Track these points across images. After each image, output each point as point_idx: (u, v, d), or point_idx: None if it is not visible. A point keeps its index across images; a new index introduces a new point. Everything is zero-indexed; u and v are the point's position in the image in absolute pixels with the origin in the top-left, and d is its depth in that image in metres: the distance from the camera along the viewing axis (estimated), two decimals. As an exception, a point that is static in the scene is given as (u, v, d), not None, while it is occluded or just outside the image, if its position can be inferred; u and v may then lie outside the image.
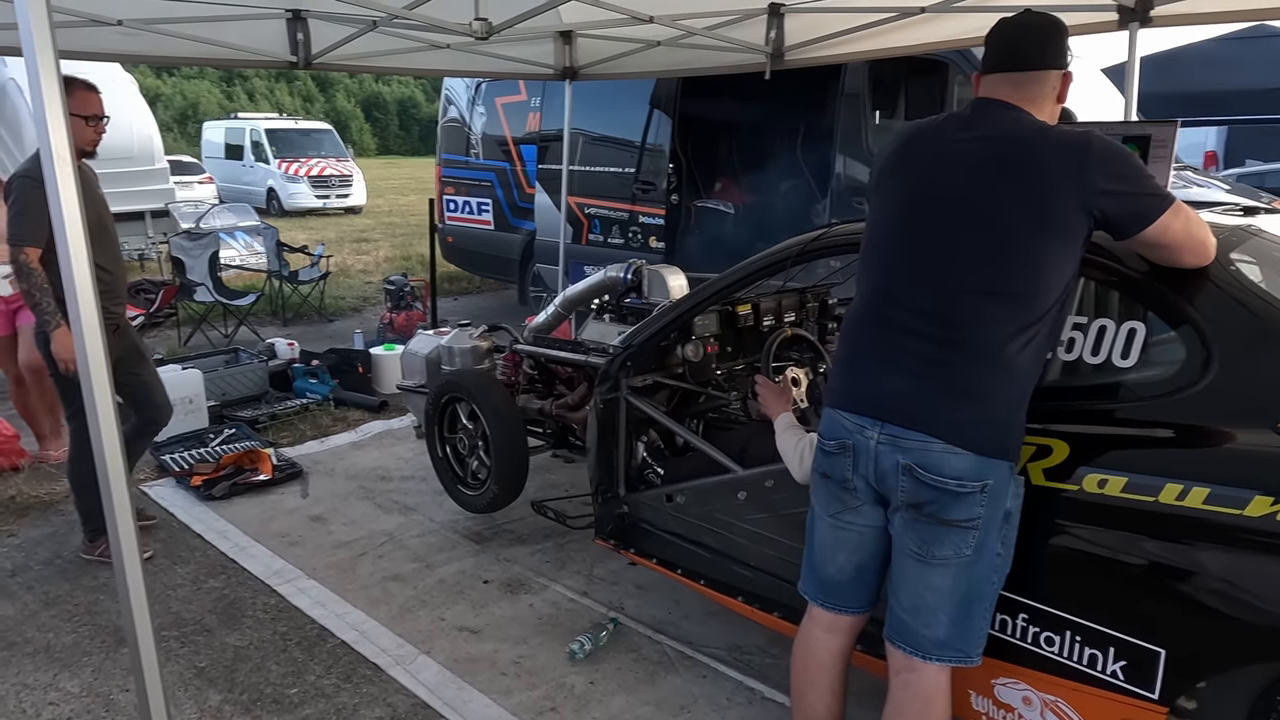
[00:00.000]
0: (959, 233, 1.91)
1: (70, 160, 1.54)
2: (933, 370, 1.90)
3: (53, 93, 1.47)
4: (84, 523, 3.76)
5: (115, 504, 1.78)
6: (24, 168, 3.47)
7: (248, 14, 4.64)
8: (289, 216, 19.57)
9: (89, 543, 3.78)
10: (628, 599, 3.46)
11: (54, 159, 1.52)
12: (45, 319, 3.44)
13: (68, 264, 1.62)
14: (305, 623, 3.31)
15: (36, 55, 1.44)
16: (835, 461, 2.07)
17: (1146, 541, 1.84)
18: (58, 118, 1.49)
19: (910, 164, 2.03)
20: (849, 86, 5.97)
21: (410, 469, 4.85)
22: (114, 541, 1.87)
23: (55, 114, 1.49)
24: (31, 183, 3.37)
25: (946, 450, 1.87)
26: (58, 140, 1.51)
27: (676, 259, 6.79)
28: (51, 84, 1.47)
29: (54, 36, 1.47)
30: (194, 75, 49.90)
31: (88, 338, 1.64)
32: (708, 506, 2.93)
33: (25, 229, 3.40)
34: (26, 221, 3.39)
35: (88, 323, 1.62)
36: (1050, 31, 1.97)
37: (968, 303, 1.88)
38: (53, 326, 3.44)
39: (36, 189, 3.38)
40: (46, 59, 1.45)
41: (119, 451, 1.77)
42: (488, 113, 8.76)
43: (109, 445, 1.74)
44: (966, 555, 1.91)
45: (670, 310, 3.13)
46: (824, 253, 2.67)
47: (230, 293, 8.24)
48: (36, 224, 3.36)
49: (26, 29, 1.41)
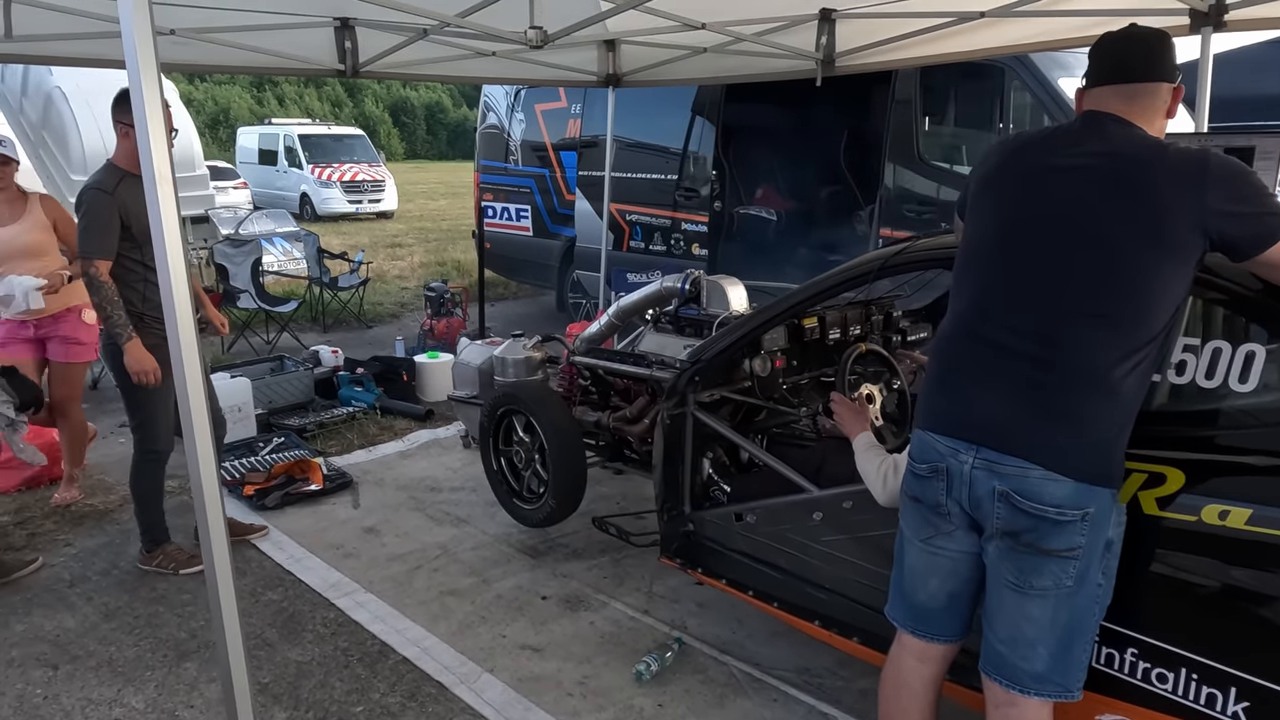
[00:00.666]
0: (1064, 251, 1.83)
1: (170, 179, 1.52)
2: (1032, 393, 1.83)
3: (155, 115, 1.45)
4: (143, 533, 3.76)
5: (210, 523, 1.75)
6: (94, 179, 3.46)
7: (297, 23, 4.65)
8: (322, 221, 19.71)
9: (146, 553, 3.77)
10: (690, 617, 3.40)
11: (156, 179, 1.49)
12: (116, 331, 3.42)
13: (166, 280, 1.59)
14: (366, 638, 3.28)
15: (141, 76, 1.41)
16: (927, 485, 2.01)
17: (1276, 577, 1.75)
18: (160, 140, 1.46)
19: (1013, 178, 1.96)
20: (900, 92, 5.89)
21: (459, 479, 4.82)
22: (206, 555, 1.84)
23: (158, 136, 1.46)
24: (102, 195, 3.37)
25: (1045, 476, 1.80)
26: (159, 161, 1.48)
27: (718, 266, 6.74)
28: (155, 107, 1.44)
29: (157, 56, 1.44)
30: (226, 81, 50.44)
31: (185, 354, 1.60)
32: (779, 526, 2.86)
33: (95, 242, 3.39)
34: (96, 234, 3.39)
35: (185, 339, 1.59)
36: (1161, 44, 1.90)
37: (1072, 324, 1.81)
38: (124, 339, 3.42)
39: (106, 200, 3.39)
40: (150, 80, 1.42)
41: (213, 464, 1.74)
42: (527, 119, 8.74)
43: (203, 457, 1.71)
44: (1067, 586, 1.84)
45: (742, 324, 3.07)
46: (907, 267, 2.60)
47: (272, 299, 8.27)
48: (106, 236, 3.36)
49: (131, 48, 1.38)
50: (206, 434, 1.68)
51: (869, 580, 2.58)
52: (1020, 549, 1.86)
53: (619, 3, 4.10)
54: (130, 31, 1.39)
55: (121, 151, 3.53)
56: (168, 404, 3.64)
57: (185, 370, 1.62)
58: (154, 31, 1.43)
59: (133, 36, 1.39)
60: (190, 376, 1.62)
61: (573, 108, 8.16)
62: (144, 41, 1.41)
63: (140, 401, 3.61)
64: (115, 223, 3.40)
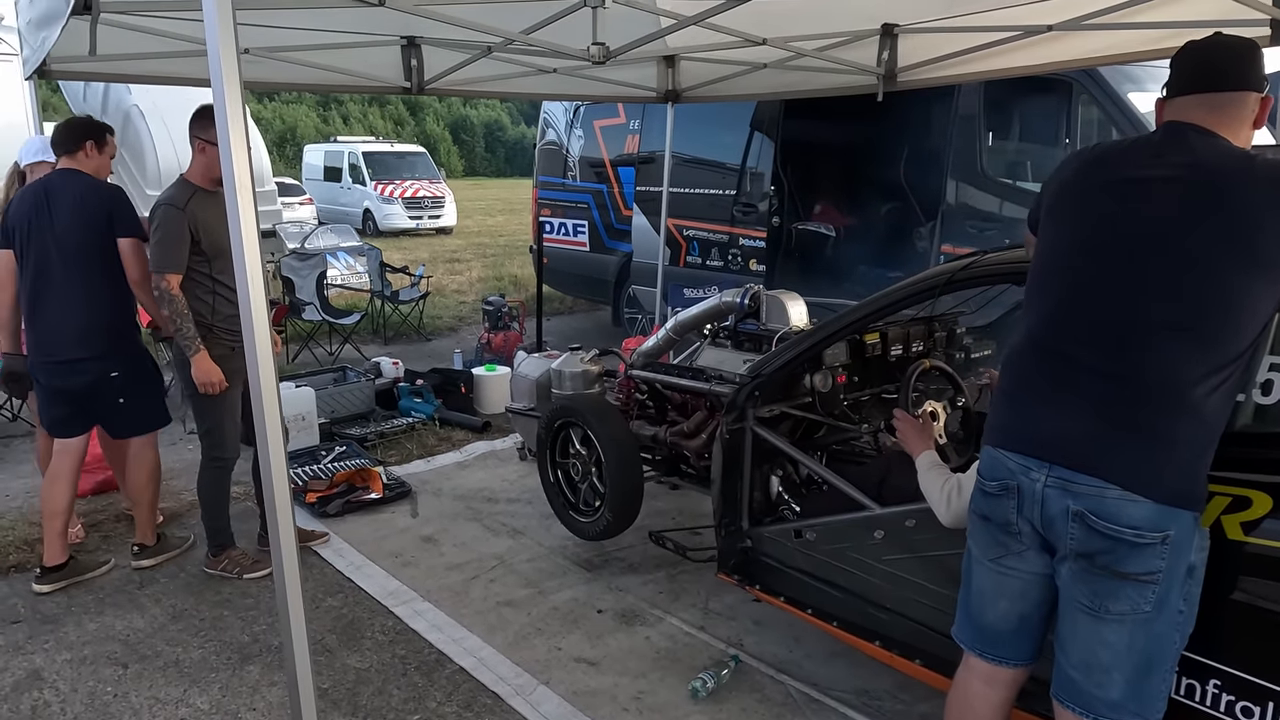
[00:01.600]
0: (1144, 265, 1.78)
1: (250, 189, 1.56)
2: (1108, 409, 1.78)
3: (238, 126, 1.49)
4: (209, 537, 3.85)
5: (281, 529, 1.78)
6: (167, 195, 3.56)
7: (366, 42, 4.76)
8: (383, 237, 20.10)
9: (212, 557, 3.87)
10: (746, 635, 3.37)
11: (236, 188, 1.53)
12: (185, 343, 3.51)
13: (245, 294, 1.63)
14: (423, 646, 3.31)
15: (225, 90, 1.45)
16: (997, 504, 1.96)
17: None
18: (241, 150, 1.51)
19: (1090, 190, 1.90)
20: (963, 107, 5.80)
21: (516, 491, 4.85)
22: (276, 562, 1.87)
23: (239, 147, 1.51)
24: (174, 210, 3.47)
25: (1123, 497, 1.74)
26: (240, 171, 1.52)
27: (776, 282, 6.69)
28: (237, 118, 1.48)
29: (240, 73, 1.49)
30: (293, 100, 51.94)
31: (261, 363, 1.64)
32: (839, 544, 2.82)
33: (168, 257, 3.47)
34: (169, 249, 3.47)
35: (261, 348, 1.63)
36: (1248, 51, 1.84)
37: (1153, 340, 1.75)
38: (193, 351, 3.51)
39: (178, 216, 3.48)
40: (234, 94, 1.46)
41: (284, 471, 1.77)
42: (585, 135, 8.82)
43: (276, 464, 1.74)
44: (1145, 611, 1.77)
45: (804, 339, 3.04)
46: (974, 283, 2.55)
47: (336, 312, 8.46)
48: (178, 251, 3.45)
49: (216, 66, 1.43)
50: (279, 442, 1.72)
51: (932, 601, 2.52)
52: (1096, 571, 1.80)
53: (679, 18, 4.11)
54: (216, 51, 1.44)
55: (196, 167, 3.63)
56: (235, 412, 3.74)
57: (261, 378, 1.66)
58: (238, 51, 1.48)
59: (219, 56, 1.44)
60: (265, 384, 1.65)
61: (631, 124, 8.20)
62: (229, 60, 1.46)
63: (208, 410, 3.70)
64: (187, 237, 3.49)
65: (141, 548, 3.95)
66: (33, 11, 3.80)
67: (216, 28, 1.39)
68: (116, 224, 3.56)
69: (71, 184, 3.57)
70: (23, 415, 5.88)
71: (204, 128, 3.55)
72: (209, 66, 1.44)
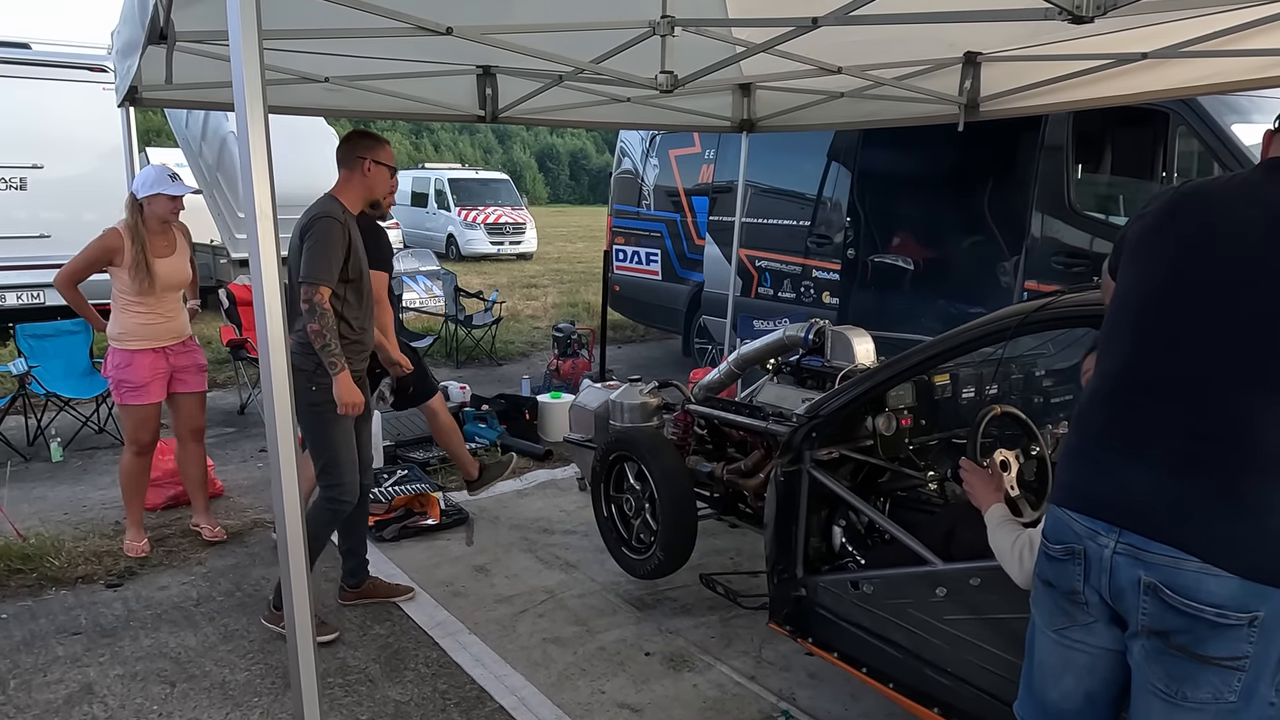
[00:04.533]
0: (1238, 313, 1.59)
1: (271, 215, 1.53)
2: (1189, 470, 1.59)
3: (260, 148, 1.46)
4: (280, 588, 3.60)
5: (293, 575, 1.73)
6: (325, 209, 3.41)
7: (442, 70, 4.82)
8: (465, 261, 20.52)
9: (274, 610, 3.55)
10: (799, 688, 3.20)
11: (256, 215, 1.50)
12: (331, 361, 3.29)
13: (263, 320, 1.59)
14: (465, 681, 3.24)
15: (248, 110, 1.43)
16: (1062, 569, 1.77)
17: None
18: (263, 172, 1.48)
19: (1180, 228, 1.72)
20: (1050, 138, 5.55)
21: (572, 522, 4.77)
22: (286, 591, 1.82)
23: (261, 169, 1.48)
24: (336, 224, 3.36)
25: (1203, 570, 1.54)
26: (261, 196, 1.49)
27: (851, 316, 6.50)
28: (259, 138, 1.45)
29: (264, 93, 1.46)
30: (387, 128, 53.83)
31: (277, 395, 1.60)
32: (899, 599, 2.64)
33: (324, 267, 3.31)
34: (326, 260, 3.31)
35: (275, 360, 1.58)
36: None
37: (1244, 397, 1.56)
38: (338, 370, 3.30)
39: (340, 230, 3.36)
40: (256, 114, 1.44)
41: (298, 503, 1.72)
42: (660, 164, 8.80)
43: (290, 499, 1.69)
44: (1230, 701, 1.56)
45: (866, 379, 2.89)
46: (1050, 325, 2.37)
47: (410, 334, 8.58)
48: (334, 264, 3.33)
49: (240, 86, 1.41)
50: (293, 470, 1.67)
51: (998, 668, 2.33)
52: (1171, 652, 1.60)
53: (748, 47, 4.03)
54: (240, 78, 1.41)
55: (354, 187, 3.53)
56: (352, 448, 3.52)
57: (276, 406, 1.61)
58: (263, 75, 1.45)
59: (243, 83, 1.42)
60: (280, 411, 1.61)
61: (706, 153, 8.15)
62: (254, 88, 1.43)
63: (322, 440, 3.47)
64: (342, 253, 3.38)
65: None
66: (119, 41, 3.97)
67: (241, 54, 1.37)
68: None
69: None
70: (107, 429, 6.10)
71: (370, 148, 3.55)
72: (234, 93, 1.42)
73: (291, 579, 1.79)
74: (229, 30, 1.39)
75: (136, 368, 4.15)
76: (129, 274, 4.08)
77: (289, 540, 1.78)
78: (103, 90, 8.33)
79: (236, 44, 1.39)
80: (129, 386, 4.16)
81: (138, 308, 4.15)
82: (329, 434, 3.44)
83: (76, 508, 4.94)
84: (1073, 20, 2.51)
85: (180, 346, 4.33)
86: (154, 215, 4.15)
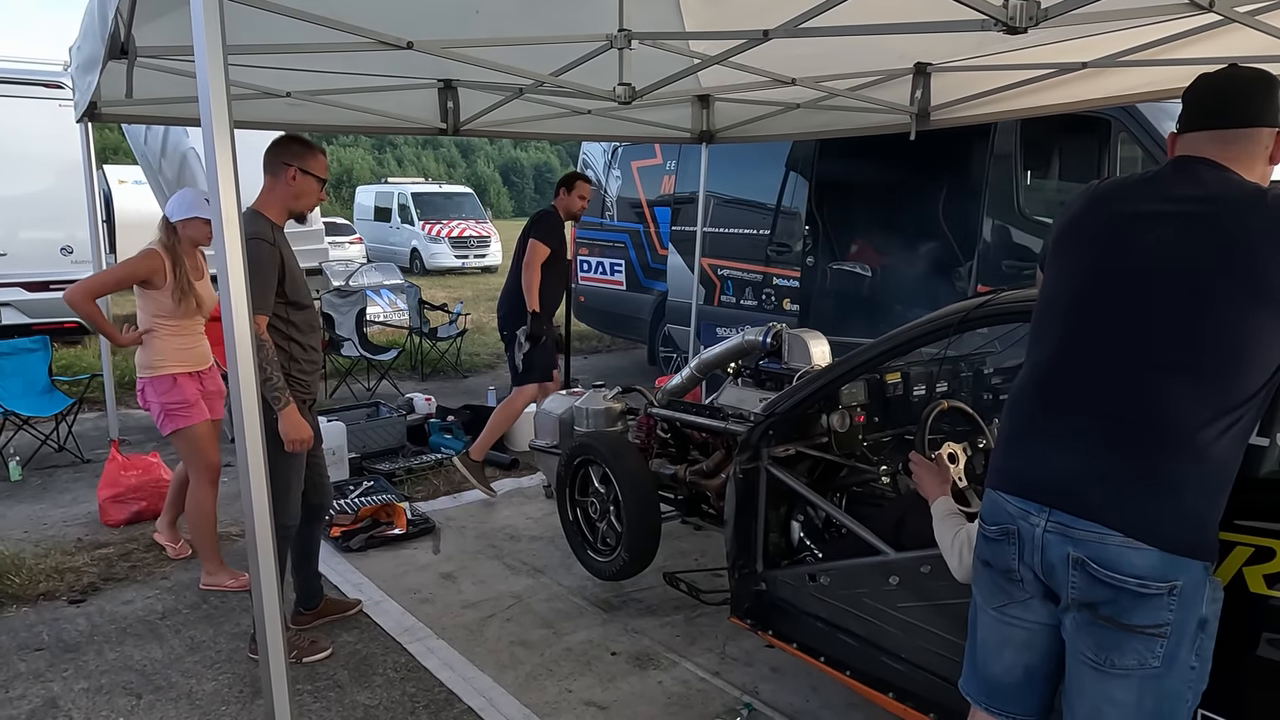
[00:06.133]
0: (1150, 302, 1.71)
1: (237, 224, 1.58)
2: (1111, 452, 1.69)
3: (225, 160, 1.52)
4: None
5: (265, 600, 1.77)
6: (253, 229, 3.13)
7: (403, 84, 4.87)
8: (430, 275, 20.46)
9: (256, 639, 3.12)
10: (762, 682, 3.27)
11: (224, 225, 1.55)
12: (274, 395, 3.11)
13: (230, 331, 1.63)
14: (433, 684, 3.27)
15: (214, 124, 1.48)
16: (998, 549, 1.87)
17: None
18: (229, 185, 1.53)
19: (1095, 226, 1.84)
20: (999, 146, 5.72)
21: (539, 529, 4.82)
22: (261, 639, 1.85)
23: (227, 181, 1.53)
24: (266, 246, 3.15)
25: (1126, 544, 1.65)
26: (227, 206, 1.54)
27: (811, 322, 6.62)
28: (225, 151, 1.51)
29: (230, 108, 1.51)
30: (350, 143, 53.58)
31: (245, 401, 1.65)
32: (854, 589, 2.73)
33: (259, 296, 3.03)
34: (260, 288, 3.08)
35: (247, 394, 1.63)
36: (1262, 86, 1.77)
37: (1156, 380, 1.67)
38: (282, 404, 3.14)
39: (271, 252, 3.17)
40: (223, 128, 1.49)
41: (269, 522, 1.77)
42: (623, 176, 8.90)
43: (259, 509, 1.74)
44: (1154, 667, 1.67)
45: (817, 378, 2.98)
46: (989, 320, 2.49)
47: (374, 348, 8.58)
48: (270, 290, 3.15)
49: (206, 101, 1.46)
50: (262, 480, 1.71)
51: (948, 652, 2.42)
52: (1099, 622, 1.70)
53: (704, 59, 4.13)
54: (206, 91, 1.46)
55: (277, 197, 3.30)
56: (302, 473, 3.40)
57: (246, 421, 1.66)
58: (228, 89, 1.50)
59: (209, 96, 1.47)
60: (250, 423, 1.66)
61: (668, 164, 8.27)
62: (219, 99, 1.48)
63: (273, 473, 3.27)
64: (276, 275, 3.19)
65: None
66: (80, 57, 3.98)
67: (207, 70, 1.42)
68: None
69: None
70: (67, 447, 6.04)
71: (298, 155, 3.29)
72: (199, 107, 1.47)
73: (263, 593, 1.83)
74: (194, 45, 1.44)
75: (182, 388, 3.97)
76: (171, 297, 3.93)
77: (259, 552, 1.81)
78: (59, 107, 8.25)
79: (202, 58, 1.44)
80: (180, 408, 3.96)
81: (175, 331, 3.98)
82: (284, 464, 3.24)
83: (36, 525, 4.89)
84: (1008, 31, 2.64)
85: (209, 371, 4.20)
86: (188, 239, 3.99)
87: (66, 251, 8.98)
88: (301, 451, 3.28)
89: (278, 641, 1.88)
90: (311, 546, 3.66)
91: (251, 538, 1.79)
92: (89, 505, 5.05)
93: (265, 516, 1.80)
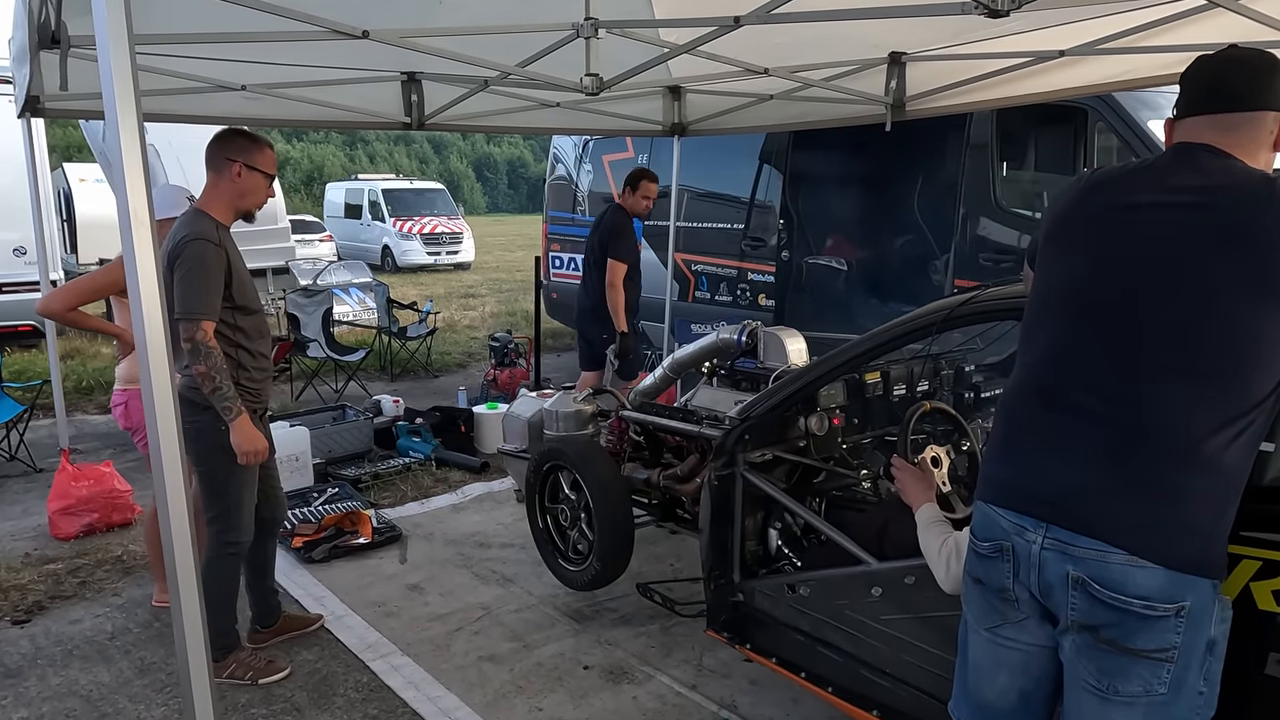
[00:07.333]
0: (1149, 299, 1.59)
1: (150, 225, 1.42)
2: (1111, 463, 1.57)
3: (133, 153, 1.36)
4: (213, 639, 2.85)
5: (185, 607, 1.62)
6: (196, 229, 2.98)
7: (365, 77, 4.69)
8: (402, 273, 20.19)
9: (217, 663, 3.15)
10: (741, 695, 3.15)
11: (133, 223, 1.40)
12: (225, 405, 2.94)
13: (142, 340, 1.48)
14: (397, 705, 3.12)
15: (119, 116, 1.32)
16: (991, 566, 1.75)
17: None
18: (138, 180, 1.38)
19: (1089, 219, 1.72)
20: (974, 137, 5.63)
21: (510, 535, 4.67)
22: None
23: (136, 176, 1.38)
24: (210, 246, 2.95)
25: (1130, 562, 1.53)
26: (137, 203, 1.39)
27: (786, 317, 6.52)
28: (133, 145, 1.35)
29: (138, 100, 1.35)
30: (320, 140, 52.94)
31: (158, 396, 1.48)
32: (835, 601, 2.61)
33: (203, 299, 2.91)
34: (204, 290, 2.91)
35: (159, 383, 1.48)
36: (1266, 67, 1.65)
37: (1160, 384, 1.55)
38: (233, 415, 2.96)
39: (215, 253, 2.97)
40: (129, 121, 1.33)
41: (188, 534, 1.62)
42: (595, 170, 8.74)
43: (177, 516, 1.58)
44: (1160, 694, 1.55)
45: (794, 379, 2.86)
46: (974, 319, 2.37)
47: (341, 348, 8.37)
48: (215, 293, 2.95)
49: (110, 92, 1.30)
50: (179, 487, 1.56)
51: (935, 668, 2.31)
52: (1101, 646, 1.59)
53: (673, 48, 3.99)
54: (110, 79, 1.30)
55: (222, 195, 3.10)
56: (253, 490, 3.22)
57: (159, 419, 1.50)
58: (135, 76, 1.34)
59: (111, 80, 1.31)
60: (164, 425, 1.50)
61: (639, 158, 8.10)
62: (123, 85, 1.32)
63: (224, 487, 3.12)
64: (222, 278, 2.99)
65: None
66: (14, 48, 3.77)
67: (110, 57, 1.26)
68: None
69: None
70: (18, 456, 5.81)
71: (244, 150, 3.10)
72: (103, 99, 1.31)
73: (184, 615, 1.68)
74: (95, 31, 1.28)
75: None
76: None
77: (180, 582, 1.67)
78: (9, 102, 7.97)
79: (105, 46, 1.28)
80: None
81: None
82: (236, 478, 3.11)
83: (-17, 540, 4.68)
84: (989, 14, 2.51)
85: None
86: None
87: (20, 253, 8.71)
88: (254, 464, 3.12)
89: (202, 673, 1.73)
90: (266, 562, 3.50)
91: (171, 567, 1.64)
92: (39, 518, 4.84)
93: (187, 547, 1.65)
